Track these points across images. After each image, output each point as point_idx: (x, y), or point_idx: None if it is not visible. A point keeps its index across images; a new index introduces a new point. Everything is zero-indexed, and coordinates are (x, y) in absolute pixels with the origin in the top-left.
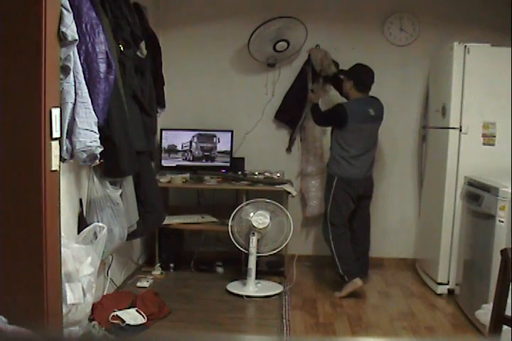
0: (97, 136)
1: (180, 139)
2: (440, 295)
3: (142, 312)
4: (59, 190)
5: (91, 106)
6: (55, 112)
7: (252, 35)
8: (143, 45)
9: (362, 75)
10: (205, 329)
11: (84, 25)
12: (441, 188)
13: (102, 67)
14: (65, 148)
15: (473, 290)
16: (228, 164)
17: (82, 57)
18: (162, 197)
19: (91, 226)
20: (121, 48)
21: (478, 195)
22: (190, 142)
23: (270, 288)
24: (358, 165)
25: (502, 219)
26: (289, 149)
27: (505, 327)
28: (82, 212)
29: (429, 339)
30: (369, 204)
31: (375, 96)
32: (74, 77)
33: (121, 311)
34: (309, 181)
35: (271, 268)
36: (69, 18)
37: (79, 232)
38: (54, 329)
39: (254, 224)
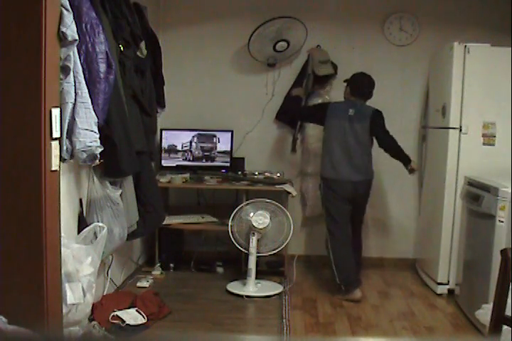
0: (97, 136)
1: (180, 139)
2: (440, 295)
3: (142, 312)
4: (59, 190)
5: (91, 106)
6: (55, 112)
7: (252, 35)
8: (143, 45)
9: (357, 82)
10: (205, 329)
11: (84, 25)
12: (441, 188)
13: (102, 67)
14: (65, 148)
15: (473, 290)
16: (228, 164)
17: (82, 57)
18: (162, 197)
19: (91, 226)
20: (121, 48)
21: (478, 195)
22: (190, 142)
23: (270, 288)
24: (338, 167)
25: (502, 219)
26: (293, 150)
27: (505, 327)
28: (82, 212)
29: (429, 339)
30: (360, 212)
31: (373, 107)
32: (74, 77)
33: (121, 311)
34: (309, 181)
35: (271, 268)
36: (69, 18)
37: (79, 232)
38: (54, 329)
39: (254, 224)
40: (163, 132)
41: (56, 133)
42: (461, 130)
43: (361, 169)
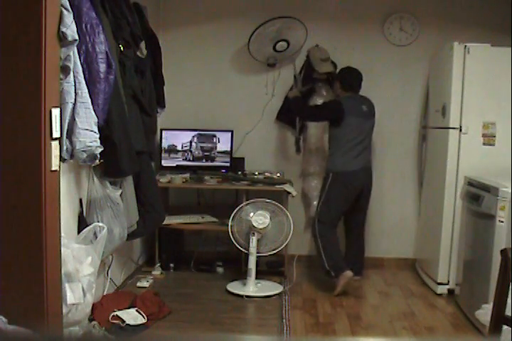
0: (97, 136)
1: (180, 139)
2: (440, 295)
3: (142, 312)
4: (59, 190)
5: (91, 106)
6: (55, 112)
7: (252, 35)
8: (143, 45)
9: (347, 76)
10: (205, 329)
11: (84, 25)
12: (441, 188)
13: (102, 67)
14: (65, 148)
15: (473, 290)
16: (228, 164)
17: (82, 57)
18: (162, 197)
19: (91, 226)
20: (121, 48)
21: (478, 195)
22: (190, 142)
23: (270, 288)
24: (354, 161)
25: (502, 219)
26: (298, 150)
27: (505, 327)
28: (82, 212)
29: (429, 339)
30: (365, 207)
31: (365, 96)
32: (74, 77)
33: (121, 311)
34: (312, 181)
35: (271, 268)
36: (69, 18)
37: (79, 232)
38: (54, 329)
39: (254, 224)
40: (163, 132)
41: (56, 133)
42: (461, 130)
43: (369, 160)
